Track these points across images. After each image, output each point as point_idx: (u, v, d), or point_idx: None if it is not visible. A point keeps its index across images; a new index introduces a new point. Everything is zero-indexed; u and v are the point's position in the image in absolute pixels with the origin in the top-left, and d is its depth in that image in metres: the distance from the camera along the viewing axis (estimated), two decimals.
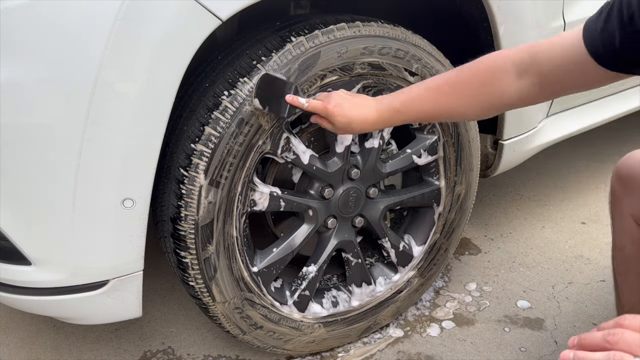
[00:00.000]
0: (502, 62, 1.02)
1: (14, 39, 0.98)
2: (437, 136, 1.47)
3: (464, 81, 1.06)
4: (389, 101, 1.13)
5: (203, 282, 1.28)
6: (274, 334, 1.43)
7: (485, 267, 1.90)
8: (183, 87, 1.13)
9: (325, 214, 1.41)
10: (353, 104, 1.13)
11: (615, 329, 0.69)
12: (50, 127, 1.02)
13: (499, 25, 1.42)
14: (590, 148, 2.62)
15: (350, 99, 1.14)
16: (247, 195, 1.27)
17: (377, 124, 1.14)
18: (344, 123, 1.13)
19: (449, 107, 1.09)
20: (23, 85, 1.00)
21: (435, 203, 1.56)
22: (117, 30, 0.99)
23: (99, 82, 1.00)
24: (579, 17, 1.60)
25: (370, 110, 1.13)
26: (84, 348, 1.59)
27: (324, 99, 1.15)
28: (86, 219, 1.10)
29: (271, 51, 1.19)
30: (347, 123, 1.13)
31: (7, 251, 1.14)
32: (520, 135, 1.65)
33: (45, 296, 1.18)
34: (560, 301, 1.73)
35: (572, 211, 2.20)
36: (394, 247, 1.54)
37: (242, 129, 1.18)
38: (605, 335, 0.69)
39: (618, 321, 0.70)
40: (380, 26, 1.29)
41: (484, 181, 2.38)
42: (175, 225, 1.23)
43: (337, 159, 1.36)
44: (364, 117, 1.12)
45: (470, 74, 1.06)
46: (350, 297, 1.53)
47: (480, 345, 1.58)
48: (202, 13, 1.05)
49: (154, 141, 1.09)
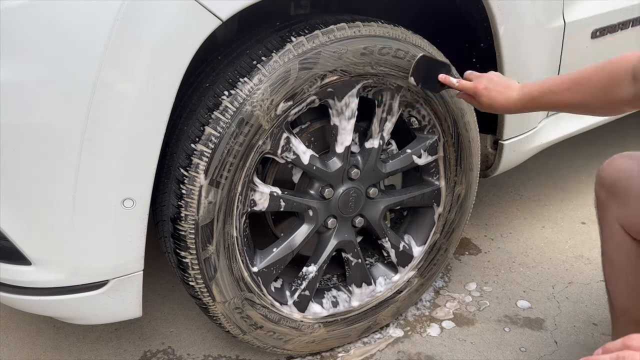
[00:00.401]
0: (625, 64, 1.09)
1: (14, 39, 0.98)
2: (437, 136, 1.47)
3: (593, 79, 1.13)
4: (530, 90, 1.22)
5: (203, 282, 1.28)
6: (274, 334, 1.43)
7: (485, 267, 1.90)
8: (183, 87, 1.13)
9: (325, 214, 1.41)
10: (500, 89, 1.24)
11: (624, 352, 0.68)
12: (50, 127, 1.02)
13: (499, 25, 1.42)
14: (590, 148, 2.62)
15: (498, 82, 1.26)
16: (247, 195, 1.27)
17: (516, 109, 1.25)
18: (488, 104, 1.26)
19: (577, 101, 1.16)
20: (23, 85, 1.00)
21: (435, 203, 1.56)
22: (117, 30, 0.99)
23: (99, 82, 1.00)
24: (579, 17, 1.60)
25: (512, 95, 1.23)
26: (84, 348, 1.59)
27: (475, 79, 1.28)
28: (86, 219, 1.10)
29: (271, 51, 1.19)
30: (490, 104, 1.25)
31: (7, 251, 1.14)
32: (520, 135, 1.65)
33: (45, 296, 1.18)
34: (560, 301, 1.73)
35: (572, 211, 2.20)
36: (394, 247, 1.54)
37: (242, 129, 1.18)
38: (615, 359, 0.67)
39: (625, 342, 0.69)
40: (380, 26, 1.29)
41: (484, 181, 2.38)
42: (176, 225, 1.23)
43: (337, 159, 1.36)
44: (506, 101, 1.24)
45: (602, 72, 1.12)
46: (350, 297, 1.53)
47: (480, 345, 1.58)
48: (202, 13, 1.05)
49: (154, 141, 1.09)
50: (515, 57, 1.49)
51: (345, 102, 1.30)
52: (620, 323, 1.28)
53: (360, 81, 1.30)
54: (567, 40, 1.60)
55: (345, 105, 1.30)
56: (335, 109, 1.30)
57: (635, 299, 1.23)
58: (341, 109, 1.30)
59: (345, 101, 1.30)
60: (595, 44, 1.67)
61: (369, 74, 1.29)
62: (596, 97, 1.13)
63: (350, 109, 1.31)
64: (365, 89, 1.33)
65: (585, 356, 0.71)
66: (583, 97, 1.14)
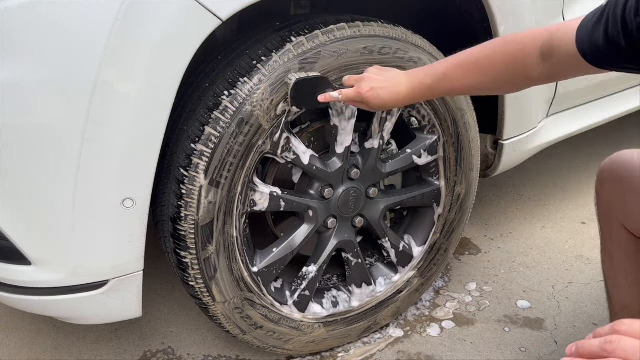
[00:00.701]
0: (533, 43, 1.03)
1: (14, 39, 0.98)
2: (437, 136, 1.47)
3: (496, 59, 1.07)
4: (420, 79, 1.16)
5: (203, 282, 1.28)
6: (274, 334, 1.43)
7: (485, 267, 1.90)
8: (183, 87, 1.13)
9: (325, 214, 1.41)
10: (385, 86, 1.17)
11: (612, 336, 0.68)
12: (50, 127, 1.02)
13: (499, 25, 1.42)
14: (590, 148, 2.62)
15: (381, 80, 1.17)
16: (247, 195, 1.27)
17: (409, 100, 1.19)
18: (379, 104, 1.18)
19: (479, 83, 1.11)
20: (23, 85, 0.99)
21: (435, 203, 1.56)
22: (117, 30, 0.99)
23: (99, 82, 1.00)
24: (579, 17, 1.60)
25: (402, 89, 1.17)
26: (84, 348, 1.59)
27: (355, 84, 1.19)
28: (86, 219, 1.10)
29: (271, 51, 1.19)
30: (381, 104, 1.18)
31: (7, 251, 1.14)
32: (520, 135, 1.65)
33: (45, 296, 1.18)
34: (560, 301, 1.73)
35: (572, 211, 2.20)
36: (394, 247, 1.54)
37: (242, 129, 1.18)
38: (602, 343, 0.68)
39: (614, 327, 0.70)
40: (380, 26, 1.29)
41: (484, 181, 2.38)
42: (176, 225, 1.23)
43: (337, 159, 1.36)
44: (397, 97, 1.17)
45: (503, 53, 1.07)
46: (350, 297, 1.53)
47: (480, 345, 1.58)
48: (202, 13, 1.05)
49: (154, 141, 1.09)
50: None
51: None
52: (618, 319, 1.28)
53: None
54: None
55: (345, 105, 1.30)
56: (335, 109, 1.30)
57: (635, 295, 1.23)
58: (341, 109, 1.30)
59: None
60: None
61: None
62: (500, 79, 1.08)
63: (350, 109, 1.31)
64: None
65: None
66: (484, 79, 1.09)
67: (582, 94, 1.78)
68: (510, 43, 1.06)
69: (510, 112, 1.57)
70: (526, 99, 1.58)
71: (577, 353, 0.70)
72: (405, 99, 1.18)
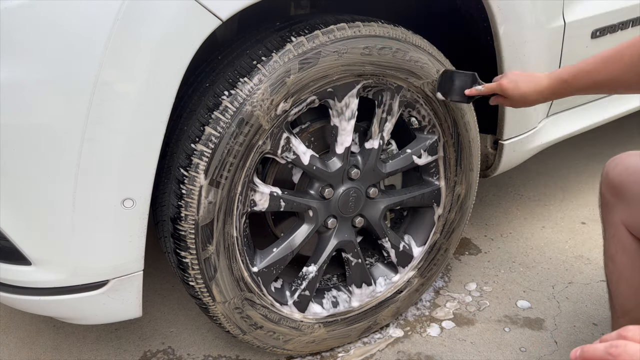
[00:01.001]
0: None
1: (14, 39, 0.97)
2: (437, 136, 1.47)
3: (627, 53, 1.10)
4: (558, 73, 1.21)
5: (203, 282, 1.28)
6: (274, 334, 1.43)
7: (485, 267, 1.90)
8: (183, 87, 1.13)
9: (325, 214, 1.41)
10: (525, 80, 1.24)
11: (618, 341, 0.68)
12: (50, 127, 1.02)
13: (499, 25, 1.42)
14: (590, 148, 2.62)
15: (522, 75, 1.26)
16: (247, 195, 1.27)
17: (550, 94, 1.23)
18: (520, 96, 1.24)
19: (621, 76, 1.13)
20: (23, 85, 0.99)
21: (435, 203, 1.56)
22: (117, 30, 0.99)
23: (99, 82, 1.00)
24: (579, 17, 1.60)
25: (541, 81, 1.23)
26: (84, 348, 1.59)
27: (498, 79, 1.29)
28: (86, 219, 1.10)
29: (271, 51, 1.19)
30: (521, 96, 1.24)
31: (7, 251, 1.14)
32: (520, 135, 1.65)
33: (45, 296, 1.18)
34: (560, 301, 1.73)
35: (572, 211, 2.20)
36: (394, 247, 1.54)
37: (242, 129, 1.18)
38: (608, 347, 0.68)
39: (621, 333, 0.70)
40: (380, 26, 1.29)
41: (484, 181, 2.38)
42: (176, 225, 1.23)
43: (337, 159, 1.36)
44: (536, 89, 1.23)
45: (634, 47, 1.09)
46: (350, 298, 1.53)
47: (480, 345, 1.58)
48: (202, 13, 1.05)
49: (154, 141, 1.09)
50: (516, 57, 1.49)
51: (345, 103, 1.30)
52: (620, 324, 1.27)
53: (360, 81, 1.30)
54: (567, 40, 1.60)
55: (345, 105, 1.30)
56: (336, 110, 1.30)
57: (638, 300, 1.23)
58: (341, 110, 1.30)
59: (345, 102, 1.30)
60: (595, 44, 1.67)
61: (369, 74, 1.29)
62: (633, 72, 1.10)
63: (350, 110, 1.31)
64: (365, 89, 1.33)
65: None
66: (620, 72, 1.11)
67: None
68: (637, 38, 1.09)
69: (510, 112, 1.57)
70: None
71: (581, 357, 0.70)
72: (546, 90, 1.22)
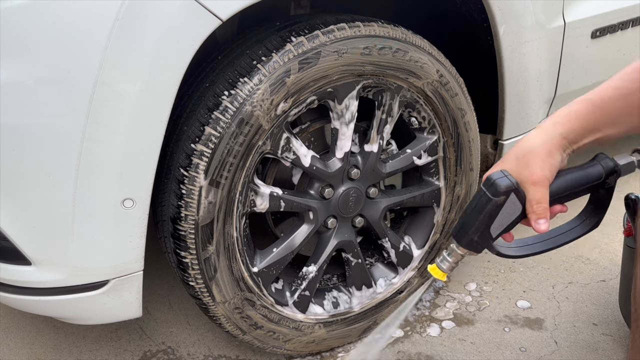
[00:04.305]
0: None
1: (14, 39, 0.98)
2: (437, 136, 1.47)
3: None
4: (552, 129, 0.92)
5: (203, 282, 1.28)
6: (274, 334, 1.43)
7: (485, 267, 1.90)
8: (183, 87, 1.13)
9: (325, 214, 1.41)
10: (532, 173, 0.91)
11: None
12: (50, 127, 1.02)
13: (499, 26, 1.42)
14: None
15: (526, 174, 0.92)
16: (247, 196, 1.27)
17: (561, 158, 0.94)
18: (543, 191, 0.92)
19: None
20: (23, 85, 1.00)
21: (435, 203, 1.56)
22: (117, 30, 0.99)
23: (99, 82, 1.00)
24: (579, 17, 1.61)
25: (546, 155, 0.92)
26: (84, 348, 1.59)
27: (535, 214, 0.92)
28: (86, 219, 1.10)
29: (271, 51, 1.19)
30: (544, 188, 0.92)
31: (7, 251, 1.14)
32: (521, 135, 1.65)
33: (45, 296, 1.18)
34: (560, 301, 1.73)
35: (572, 211, 2.20)
36: (394, 248, 1.54)
37: (242, 129, 1.18)
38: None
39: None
40: (380, 26, 1.29)
41: None
42: (176, 225, 1.23)
43: (337, 160, 1.36)
44: (549, 166, 0.92)
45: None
46: (350, 298, 1.53)
47: (480, 345, 1.58)
48: (202, 13, 1.05)
49: (154, 141, 1.09)
50: (515, 57, 1.49)
51: (345, 105, 1.30)
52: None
53: (360, 81, 1.30)
54: (567, 40, 1.60)
55: (345, 107, 1.30)
56: (336, 112, 1.30)
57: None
58: (341, 112, 1.30)
59: (345, 103, 1.30)
60: (595, 44, 1.67)
61: (369, 74, 1.29)
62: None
63: (350, 112, 1.31)
64: (365, 89, 1.33)
65: (586, 356, 0.65)
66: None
67: (582, 94, 1.77)
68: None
69: (510, 112, 1.58)
70: (526, 99, 1.58)
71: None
72: (559, 159, 0.93)
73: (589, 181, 0.97)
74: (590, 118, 0.93)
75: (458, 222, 0.97)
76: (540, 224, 0.92)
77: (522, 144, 0.93)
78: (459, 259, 1.00)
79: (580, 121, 0.93)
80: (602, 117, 0.93)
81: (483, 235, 0.94)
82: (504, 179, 0.90)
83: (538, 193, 0.91)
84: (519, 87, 1.54)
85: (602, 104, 0.93)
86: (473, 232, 0.94)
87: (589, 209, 1.05)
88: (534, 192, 0.91)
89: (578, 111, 0.93)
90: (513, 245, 1.02)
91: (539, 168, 0.90)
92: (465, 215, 0.95)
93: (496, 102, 1.57)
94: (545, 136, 0.92)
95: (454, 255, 0.99)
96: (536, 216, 0.92)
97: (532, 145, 0.92)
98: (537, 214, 0.92)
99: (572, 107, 0.94)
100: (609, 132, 0.94)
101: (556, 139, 0.92)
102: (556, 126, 0.93)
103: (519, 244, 1.03)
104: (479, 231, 0.94)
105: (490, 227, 0.94)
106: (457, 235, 0.97)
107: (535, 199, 0.91)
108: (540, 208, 0.91)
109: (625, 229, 1.37)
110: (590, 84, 1.76)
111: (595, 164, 0.97)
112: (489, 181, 0.91)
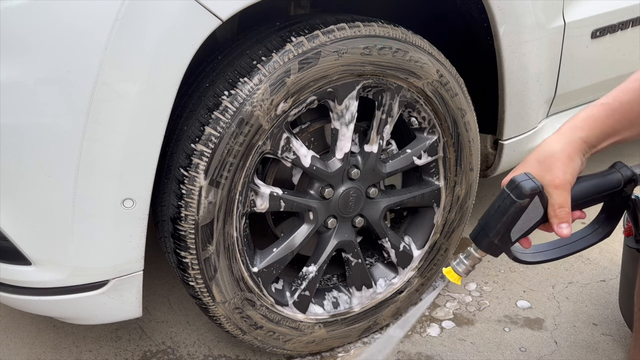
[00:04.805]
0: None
1: (14, 39, 0.98)
2: (437, 136, 1.47)
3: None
4: (571, 133, 0.92)
5: (203, 282, 1.28)
6: (274, 334, 1.43)
7: (485, 267, 1.90)
8: (183, 87, 1.13)
9: (325, 214, 1.41)
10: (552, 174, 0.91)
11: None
12: (50, 127, 1.02)
13: (499, 26, 1.42)
14: None
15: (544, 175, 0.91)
16: (247, 196, 1.27)
17: (581, 162, 0.93)
18: (565, 195, 0.91)
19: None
20: (23, 85, 1.00)
21: (435, 203, 1.56)
22: (117, 30, 0.99)
23: (99, 82, 1.00)
24: (579, 17, 1.61)
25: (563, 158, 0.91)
26: (84, 348, 1.59)
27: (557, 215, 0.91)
28: (86, 219, 1.10)
29: (271, 51, 1.19)
30: (567, 192, 0.91)
31: (7, 251, 1.14)
32: (521, 135, 1.65)
33: (45, 296, 1.18)
34: (560, 301, 1.73)
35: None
36: (394, 248, 1.54)
37: (242, 129, 1.18)
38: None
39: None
40: (380, 26, 1.29)
41: (484, 181, 2.37)
42: (176, 225, 1.23)
43: (337, 160, 1.36)
44: (570, 170, 0.91)
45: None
46: (350, 298, 1.53)
47: (480, 345, 1.58)
48: (202, 13, 1.05)
49: (154, 141, 1.09)
50: (515, 57, 1.49)
51: (345, 105, 1.30)
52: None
53: (360, 81, 1.30)
54: (567, 40, 1.60)
55: (345, 108, 1.30)
56: (336, 112, 1.30)
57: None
58: (341, 113, 1.30)
59: (345, 104, 1.30)
60: (595, 44, 1.67)
61: (369, 74, 1.29)
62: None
63: (350, 113, 1.31)
64: (365, 89, 1.33)
65: (586, 356, 0.66)
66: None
67: (582, 94, 1.78)
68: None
69: (510, 112, 1.58)
70: (526, 99, 1.58)
71: None
72: (578, 164, 0.93)
73: (608, 188, 0.97)
74: (609, 122, 0.93)
75: (478, 224, 0.95)
76: (562, 228, 0.91)
77: (542, 148, 0.93)
78: (476, 262, 0.98)
79: (599, 125, 0.93)
80: (620, 120, 0.93)
81: (503, 239, 0.93)
82: (529, 182, 0.89)
83: (561, 197, 0.90)
84: (519, 87, 1.55)
85: (620, 107, 0.93)
86: (494, 235, 0.92)
87: (601, 218, 1.04)
88: (557, 195, 0.90)
89: (597, 115, 0.93)
90: (528, 252, 1.02)
91: (562, 172, 0.90)
92: (486, 217, 0.93)
93: (496, 102, 1.57)
94: (565, 140, 0.92)
95: (472, 259, 0.98)
96: (559, 220, 0.91)
97: (553, 149, 0.91)
98: (560, 218, 0.91)
99: (590, 111, 0.94)
100: (627, 135, 0.95)
101: (576, 143, 0.92)
102: (575, 130, 0.93)
103: (533, 250, 1.02)
104: (500, 234, 0.92)
105: (511, 231, 0.92)
106: (476, 238, 0.95)
107: (558, 202, 0.90)
108: (562, 212, 0.91)
109: (625, 229, 1.37)
110: (590, 84, 1.77)
111: (615, 172, 0.97)
112: (512, 183, 0.90)
